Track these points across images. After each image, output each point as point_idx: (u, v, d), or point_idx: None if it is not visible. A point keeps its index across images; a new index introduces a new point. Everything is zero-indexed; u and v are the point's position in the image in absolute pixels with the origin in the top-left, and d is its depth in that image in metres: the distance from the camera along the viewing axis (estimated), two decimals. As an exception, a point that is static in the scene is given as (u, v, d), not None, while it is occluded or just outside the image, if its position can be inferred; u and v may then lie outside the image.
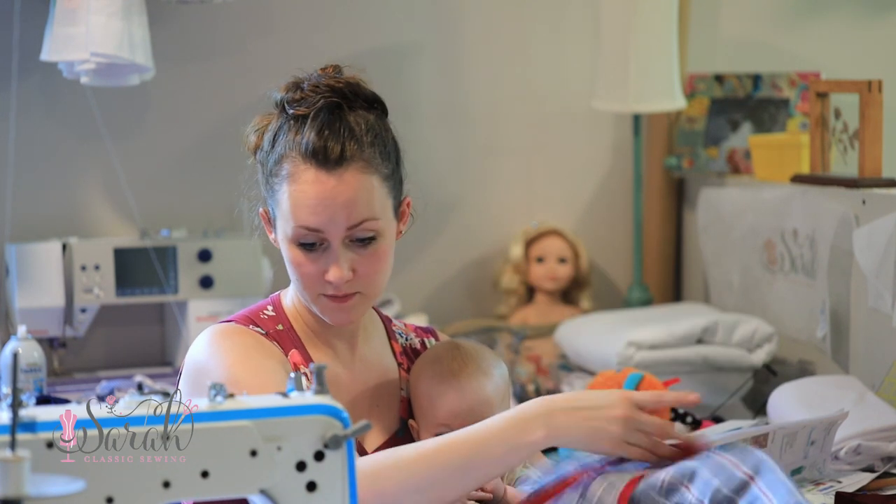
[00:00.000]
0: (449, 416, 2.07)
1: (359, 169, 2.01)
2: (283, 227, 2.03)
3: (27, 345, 2.98)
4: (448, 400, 2.08)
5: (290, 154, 2.02)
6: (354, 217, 2.00)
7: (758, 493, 1.84)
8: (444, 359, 2.12)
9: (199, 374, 2.00)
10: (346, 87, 2.06)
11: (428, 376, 2.11)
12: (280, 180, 2.03)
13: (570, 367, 3.38)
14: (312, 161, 2.00)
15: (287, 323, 2.11)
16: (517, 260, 3.76)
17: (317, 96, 2.04)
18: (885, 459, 2.60)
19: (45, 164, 3.45)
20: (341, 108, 2.04)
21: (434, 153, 3.72)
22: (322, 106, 2.03)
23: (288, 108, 2.05)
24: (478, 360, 2.12)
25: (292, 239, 2.02)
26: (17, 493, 1.33)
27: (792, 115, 3.60)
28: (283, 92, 2.08)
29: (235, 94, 3.57)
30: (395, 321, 2.26)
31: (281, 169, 2.03)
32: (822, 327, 3.15)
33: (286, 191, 2.01)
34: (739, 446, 1.97)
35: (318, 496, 1.54)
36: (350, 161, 2.01)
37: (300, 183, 2.00)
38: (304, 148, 2.01)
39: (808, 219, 3.19)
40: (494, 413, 2.08)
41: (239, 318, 2.10)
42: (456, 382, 2.08)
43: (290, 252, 2.04)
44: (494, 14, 3.81)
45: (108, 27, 3.05)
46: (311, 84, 2.06)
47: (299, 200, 2.00)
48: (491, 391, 2.10)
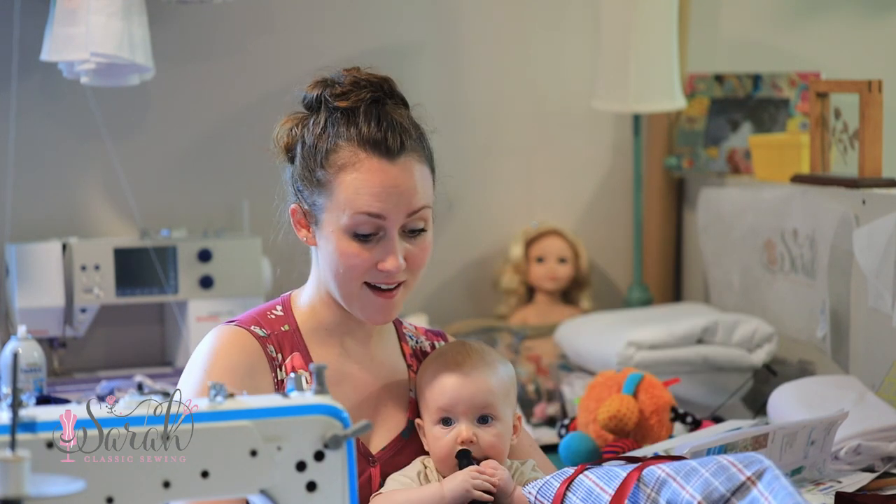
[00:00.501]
0: (452, 401, 2.08)
1: (415, 158, 2.07)
2: (334, 217, 2.04)
3: (27, 345, 2.98)
4: (450, 385, 2.08)
5: (345, 145, 2.04)
6: (415, 203, 2.04)
7: (757, 495, 1.84)
8: (448, 352, 2.14)
9: (185, 374, 2.06)
10: (383, 83, 2.10)
11: (432, 369, 2.12)
12: (334, 171, 2.03)
13: (570, 367, 3.38)
14: (374, 150, 2.03)
15: (294, 324, 2.12)
16: (517, 260, 3.76)
17: (360, 90, 2.07)
18: (885, 459, 2.60)
19: (45, 164, 3.45)
20: (385, 101, 2.09)
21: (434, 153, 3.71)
22: (369, 98, 2.07)
23: (331, 101, 2.07)
24: (482, 353, 2.14)
25: (348, 228, 2.03)
26: (17, 493, 1.33)
27: (792, 115, 3.60)
28: (315, 90, 2.10)
29: (235, 94, 3.57)
30: (406, 324, 2.27)
31: (336, 159, 2.04)
32: (822, 327, 3.15)
33: (343, 180, 2.02)
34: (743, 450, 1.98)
35: (318, 496, 1.54)
36: (409, 151, 2.05)
37: (362, 171, 2.02)
38: (363, 137, 2.03)
39: (808, 219, 3.19)
40: (498, 406, 2.09)
41: (245, 318, 2.11)
42: (458, 370, 2.10)
43: (339, 243, 2.04)
44: (494, 14, 3.81)
45: (108, 27, 3.05)
46: (350, 79, 2.09)
47: (361, 188, 2.02)
48: (494, 383, 2.10)
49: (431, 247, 2.10)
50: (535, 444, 2.29)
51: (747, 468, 1.87)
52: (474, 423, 2.09)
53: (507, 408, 2.12)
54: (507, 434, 2.11)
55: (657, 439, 2.78)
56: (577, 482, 2.00)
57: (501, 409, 2.10)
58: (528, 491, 2.05)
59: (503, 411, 2.11)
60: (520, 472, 2.12)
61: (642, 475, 1.94)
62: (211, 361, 2.03)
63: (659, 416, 2.81)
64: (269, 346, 2.07)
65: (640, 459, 2.05)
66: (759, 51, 3.95)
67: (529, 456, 2.20)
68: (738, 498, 1.85)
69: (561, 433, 2.93)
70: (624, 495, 1.93)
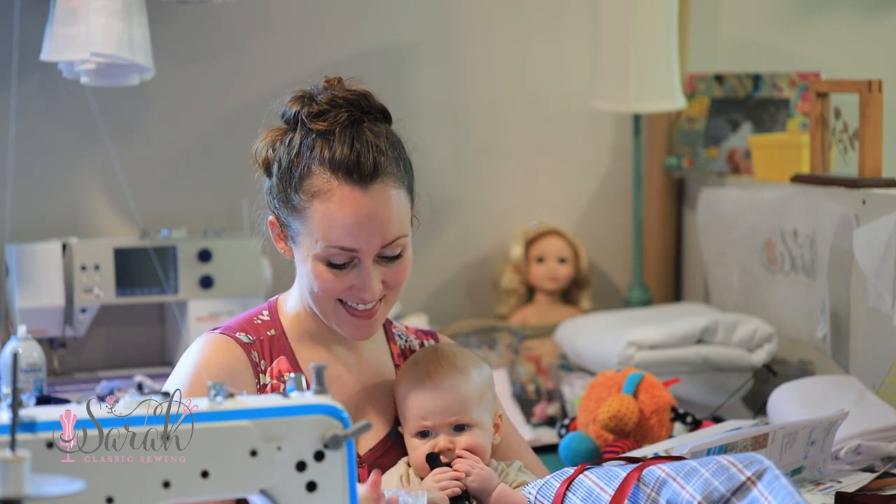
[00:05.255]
0: (425, 415, 2.09)
1: (389, 183, 2.01)
2: (308, 244, 2.02)
3: (27, 345, 2.98)
4: (423, 399, 2.09)
5: (318, 170, 2.00)
6: (389, 235, 2.01)
7: (757, 495, 1.84)
8: (421, 361, 2.15)
9: (170, 381, 2.07)
10: (361, 99, 2.05)
11: (406, 380, 2.14)
12: (307, 197, 2.01)
13: (570, 367, 3.38)
14: (346, 177, 1.99)
15: (280, 328, 2.12)
16: (517, 260, 3.76)
17: (337, 110, 2.02)
18: (885, 459, 2.60)
19: (45, 164, 3.45)
20: (362, 121, 2.04)
21: (434, 153, 3.72)
22: (346, 120, 2.02)
23: (307, 122, 2.03)
24: (454, 360, 2.13)
25: (321, 257, 2.01)
26: (17, 493, 1.33)
27: (792, 115, 3.60)
28: (294, 106, 2.06)
29: (235, 94, 3.57)
30: (396, 323, 2.27)
31: (308, 185, 2.01)
32: (822, 327, 3.14)
33: (317, 209, 2.00)
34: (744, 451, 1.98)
35: (318, 496, 1.54)
36: (382, 175, 2.00)
37: (333, 201, 1.99)
38: (335, 163, 1.99)
39: (808, 219, 3.19)
40: (472, 410, 2.10)
41: (231, 324, 2.11)
42: (430, 382, 2.10)
43: (314, 267, 2.02)
44: (494, 14, 3.81)
45: (108, 27, 3.05)
46: (327, 97, 2.04)
47: (334, 220, 1.99)
48: (466, 389, 2.11)
49: (411, 264, 2.08)
50: (525, 444, 2.29)
51: (747, 468, 1.87)
52: (451, 432, 2.10)
53: (483, 411, 2.12)
54: (486, 437, 2.12)
55: (657, 439, 2.78)
56: (577, 482, 2.00)
57: (477, 415, 2.11)
58: (529, 491, 2.05)
59: (480, 416, 2.11)
60: (505, 473, 2.13)
61: (642, 475, 1.94)
62: (195, 369, 2.03)
63: (659, 416, 2.80)
64: (253, 353, 2.07)
65: (640, 459, 2.05)
66: (759, 51, 3.95)
67: (518, 456, 2.21)
68: (739, 498, 1.85)
69: (561, 433, 2.93)
70: (624, 495, 1.93)
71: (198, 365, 2.03)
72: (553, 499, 2.00)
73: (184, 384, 2.01)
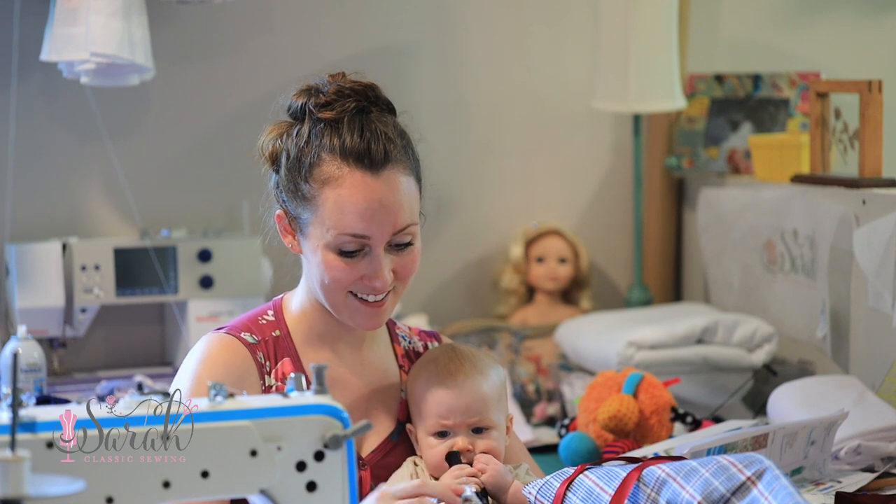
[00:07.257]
0: (446, 414, 2.08)
1: (399, 170, 2.02)
2: (318, 234, 2.01)
3: (27, 345, 2.98)
4: (444, 398, 2.08)
5: (328, 157, 2.00)
6: (400, 222, 2.01)
7: (757, 495, 1.84)
8: (440, 360, 2.13)
9: (176, 381, 2.05)
10: (368, 90, 2.05)
11: (425, 377, 2.12)
12: (318, 185, 2.00)
13: (570, 367, 3.38)
14: (357, 163, 1.99)
15: (285, 329, 2.11)
16: (517, 260, 3.76)
17: (344, 99, 2.03)
18: (885, 459, 2.60)
19: (45, 164, 3.45)
20: (370, 110, 2.04)
21: (434, 153, 3.71)
22: (354, 109, 2.02)
23: (315, 111, 2.03)
24: (474, 360, 2.13)
25: (332, 245, 2.01)
26: (17, 493, 1.33)
27: (792, 115, 3.60)
28: (300, 98, 2.06)
29: (235, 94, 3.57)
30: (400, 324, 2.26)
31: (319, 173, 2.00)
32: (822, 327, 3.14)
33: (328, 196, 1.99)
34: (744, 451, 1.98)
35: (318, 496, 1.54)
36: (393, 162, 2.01)
37: (345, 187, 1.98)
38: (346, 149, 1.99)
39: (808, 219, 3.19)
40: (492, 412, 2.09)
41: (236, 324, 2.10)
42: (452, 381, 2.09)
43: (325, 257, 2.02)
44: (494, 14, 3.81)
45: (107, 27, 3.05)
46: (334, 88, 2.04)
47: (345, 206, 1.98)
48: (487, 390, 2.10)
49: (420, 255, 2.08)
50: (524, 448, 2.30)
51: (747, 468, 1.87)
52: (470, 434, 2.09)
53: (500, 414, 2.12)
54: (502, 439, 2.12)
55: (657, 439, 2.78)
56: (577, 482, 2.00)
57: (496, 417, 2.11)
58: (529, 491, 2.05)
59: (497, 418, 2.11)
60: (515, 476, 2.12)
61: (642, 475, 1.94)
62: (200, 369, 2.03)
63: (659, 416, 2.80)
64: (258, 353, 2.07)
65: (640, 459, 2.05)
66: (759, 51, 3.95)
67: (518, 459, 2.21)
68: (739, 498, 1.85)
69: (561, 433, 2.93)
70: (624, 495, 1.93)
71: (203, 365, 2.03)
72: (553, 499, 2.00)
73: (189, 384, 2.00)
